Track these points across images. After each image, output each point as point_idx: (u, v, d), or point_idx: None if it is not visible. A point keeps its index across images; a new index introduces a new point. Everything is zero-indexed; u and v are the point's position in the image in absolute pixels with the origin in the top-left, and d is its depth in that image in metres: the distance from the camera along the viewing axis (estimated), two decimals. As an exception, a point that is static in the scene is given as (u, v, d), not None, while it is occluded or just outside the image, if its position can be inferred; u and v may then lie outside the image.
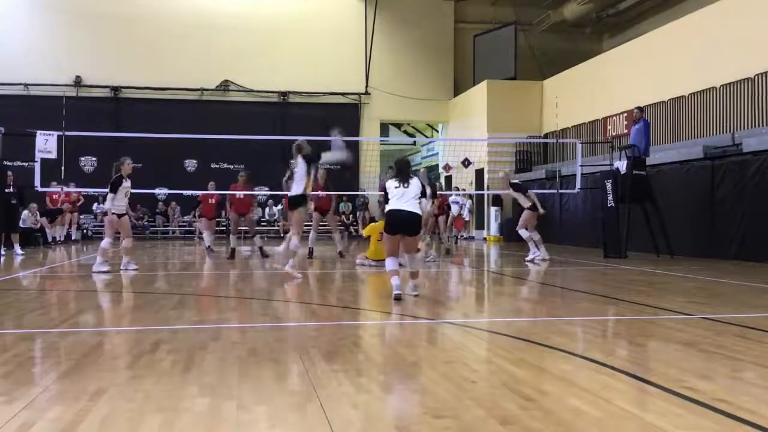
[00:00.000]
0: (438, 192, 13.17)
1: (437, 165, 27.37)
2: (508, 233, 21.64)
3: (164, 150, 21.27)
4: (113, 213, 10.54)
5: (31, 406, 3.23)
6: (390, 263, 7.09)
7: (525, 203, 12.70)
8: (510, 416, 3.05)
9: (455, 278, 10.38)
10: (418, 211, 7.13)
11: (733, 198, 12.55)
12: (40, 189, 13.48)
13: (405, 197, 7.06)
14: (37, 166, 12.70)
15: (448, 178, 24.58)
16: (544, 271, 10.99)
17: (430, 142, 31.18)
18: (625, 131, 16.88)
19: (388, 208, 7.09)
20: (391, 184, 7.18)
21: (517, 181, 14.69)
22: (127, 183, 10.72)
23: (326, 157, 9.79)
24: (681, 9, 19.85)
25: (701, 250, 13.03)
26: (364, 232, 13.37)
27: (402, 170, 7.26)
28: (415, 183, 7.17)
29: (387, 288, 7.85)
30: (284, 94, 25.08)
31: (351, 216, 24.95)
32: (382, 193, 7.56)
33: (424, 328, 5.63)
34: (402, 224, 7.04)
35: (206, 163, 24.33)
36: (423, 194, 7.24)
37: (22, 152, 16.73)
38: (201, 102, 24.60)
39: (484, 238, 22.68)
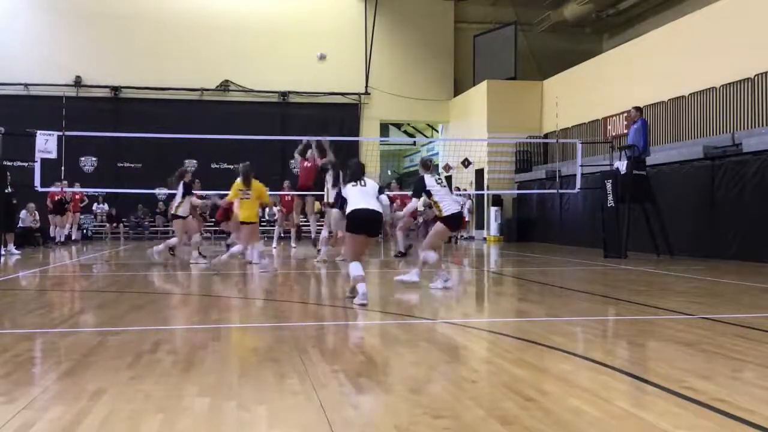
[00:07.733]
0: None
1: (437, 165, 27.35)
2: (509, 233, 21.69)
3: (164, 150, 21.25)
4: (181, 215, 11.82)
5: (31, 406, 3.22)
6: (356, 268, 6.71)
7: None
8: (510, 416, 3.05)
9: (455, 278, 10.37)
10: (381, 210, 6.98)
11: (733, 198, 12.54)
12: (40, 189, 13.47)
13: (366, 196, 6.91)
14: (37, 166, 12.69)
15: (449, 178, 24.56)
16: (544, 272, 10.98)
17: (430, 142, 31.16)
18: (625, 131, 16.86)
19: (351, 207, 6.87)
20: (348, 186, 7.08)
21: (432, 178, 8.60)
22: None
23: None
24: (681, 9, 19.84)
25: (701, 250, 13.02)
26: None
27: (356, 171, 7.13)
28: (371, 183, 7.09)
29: (387, 288, 7.86)
30: (284, 94, 25.06)
31: None
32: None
33: (424, 328, 5.62)
34: (367, 223, 6.83)
35: (206, 163, 24.31)
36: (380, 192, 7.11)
37: (22, 152, 16.71)
38: (201, 102, 24.55)
39: (484, 238, 22.67)
